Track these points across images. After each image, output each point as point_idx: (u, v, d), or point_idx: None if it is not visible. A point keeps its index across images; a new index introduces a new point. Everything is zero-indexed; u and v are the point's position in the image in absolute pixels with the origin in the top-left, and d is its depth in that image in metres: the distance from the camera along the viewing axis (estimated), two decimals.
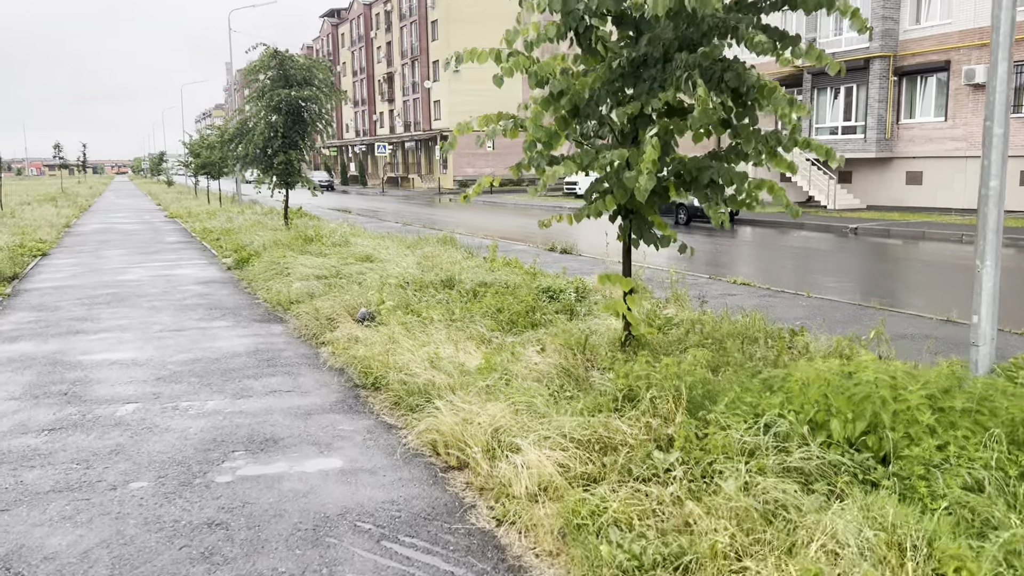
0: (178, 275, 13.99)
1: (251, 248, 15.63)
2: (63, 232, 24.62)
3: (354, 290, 10.71)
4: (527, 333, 8.45)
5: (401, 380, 6.30)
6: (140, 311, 10.43)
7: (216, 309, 10.51)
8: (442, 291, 10.62)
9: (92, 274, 14.30)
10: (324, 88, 20.75)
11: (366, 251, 14.48)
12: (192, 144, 37.64)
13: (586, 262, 15.32)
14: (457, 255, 14.38)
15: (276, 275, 12.53)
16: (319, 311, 9.10)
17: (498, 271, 12.53)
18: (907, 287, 13.61)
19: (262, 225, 22.39)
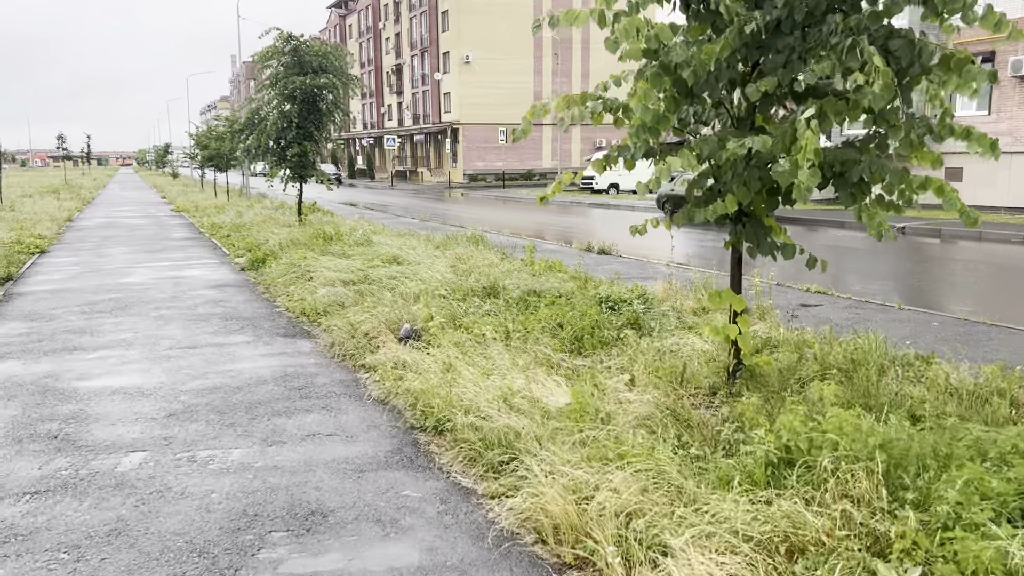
0: (187, 277, 12.75)
1: (266, 247, 14.38)
2: (64, 227, 23.41)
3: (387, 298, 9.48)
4: (598, 355, 7.22)
5: (471, 424, 5.06)
6: (146, 321, 9.19)
7: (233, 320, 9.27)
8: (486, 300, 9.39)
9: (93, 275, 13.07)
10: (341, 76, 19.50)
11: (392, 252, 13.23)
12: (199, 135, 36.39)
13: (631, 265, 14.05)
14: (492, 256, 13.12)
15: (297, 279, 11.29)
16: (355, 326, 7.84)
17: (541, 276, 11.29)
18: (998, 297, 12.31)
19: (274, 221, 21.16)
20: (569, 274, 11.46)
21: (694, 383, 6.06)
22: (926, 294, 12.03)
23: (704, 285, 9.59)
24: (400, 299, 9.35)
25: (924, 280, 14.04)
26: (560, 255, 15.13)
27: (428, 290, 9.54)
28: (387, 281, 10.67)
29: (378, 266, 11.99)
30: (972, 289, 13.05)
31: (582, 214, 30.11)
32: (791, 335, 7.44)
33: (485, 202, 39.65)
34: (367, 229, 17.10)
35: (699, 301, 9.30)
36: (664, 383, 5.92)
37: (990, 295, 12.41)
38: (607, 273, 12.78)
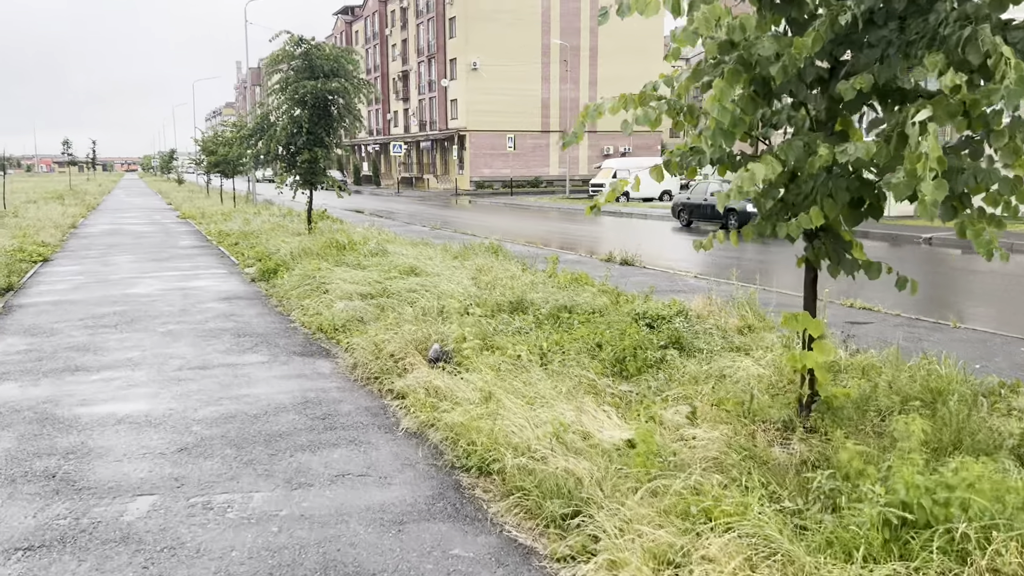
0: (196, 288, 12.19)
1: (278, 257, 13.81)
2: (68, 234, 22.88)
3: (408, 313, 8.91)
4: (645, 378, 6.63)
5: (523, 466, 4.47)
6: (154, 337, 8.61)
7: (246, 336, 8.69)
8: (514, 316, 8.81)
9: (98, 286, 12.51)
10: (353, 80, 18.96)
11: (409, 262, 12.66)
12: (205, 141, 35.95)
13: (658, 277, 13.46)
14: (512, 268, 12.55)
15: (312, 291, 10.71)
16: (379, 346, 7.25)
17: (568, 289, 10.72)
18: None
19: (282, 228, 20.62)
20: (597, 287, 10.89)
21: (761, 415, 5.47)
22: (977, 311, 11.42)
23: (748, 301, 9.00)
24: (422, 314, 8.78)
25: (969, 294, 13.43)
26: (582, 266, 14.56)
27: (453, 305, 8.96)
28: (407, 294, 10.11)
29: (396, 278, 11.42)
30: (1018, 305, 12.43)
31: (595, 222, 29.53)
32: (855, 359, 6.84)
33: (494, 209, 39.09)
34: (380, 238, 16.55)
35: (743, 318, 8.71)
36: (731, 416, 5.33)
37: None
38: (635, 286, 12.21)
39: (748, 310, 8.84)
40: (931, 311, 10.35)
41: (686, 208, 26.30)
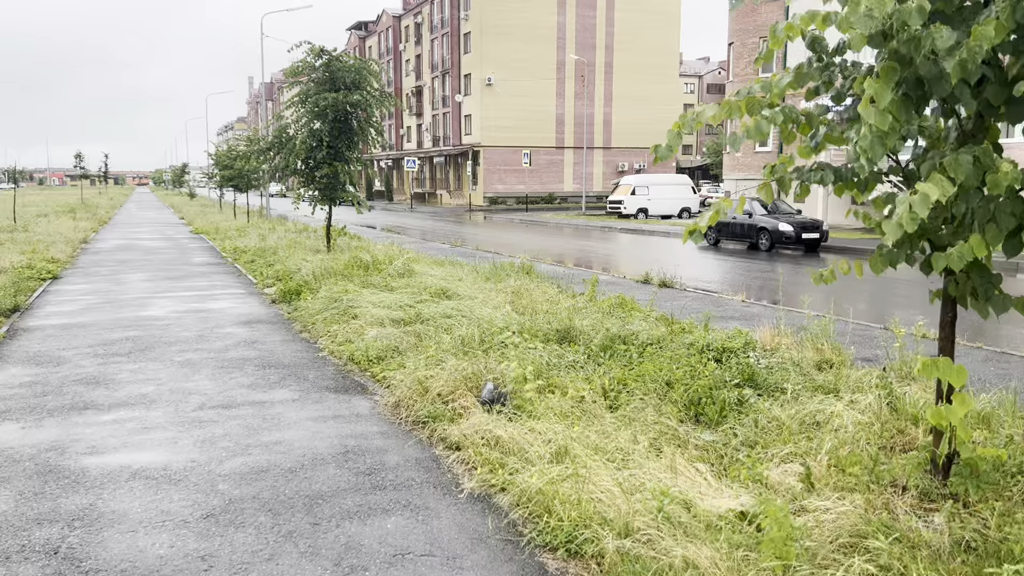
0: (213, 311, 11.43)
1: (299, 277, 13.05)
2: (79, 249, 22.23)
3: (446, 342, 8.13)
4: (728, 425, 5.83)
5: (625, 551, 3.67)
6: (170, 369, 7.84)
7: (271, 367, 7.91)
8: (564, 346, 8.03)
9: (109, 307, 11.77)
10: (375, 92, 18.31)
11: (438, 284, 11.91)
12: (219, 155, 35.39)
13: (702, 300, 12.63)
14: (549, 290, 11.77)
15: (339, 316, 9.94)
16: (423, 383, 6.45)
17: (613, 314, 9.94)
18: None
19: (300, 245, 19.92)
20: (644, 313, 10.09)
21: (886, 478, 4.65)
22: None
23: (822, 332, 8.17)
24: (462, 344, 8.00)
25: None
26: (618, 288, 13.75)
27: (496, 335, 8.16)
28: (442, 320, 9.33)
29: (427, 301, 10.65)
30: None
31: (618, 240, 28.76)
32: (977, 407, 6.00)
33: (511, 226, 38.37)
34: (405, 257, 15.79)
35: (818, 351, 7.89)
36: (855, 480, 4.51)
37: None
38: (682, 311, 11.41)
39: (824, 342, 8.02)
40: (1007, 343, 9.50)
41: (714, 226, 25.49)
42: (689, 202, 43.60)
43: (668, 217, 42.16)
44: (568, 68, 62.52)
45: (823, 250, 23.38)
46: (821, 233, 23.01)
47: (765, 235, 23.26)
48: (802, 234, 22.68)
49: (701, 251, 23.95)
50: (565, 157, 64.04)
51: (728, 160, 38.69)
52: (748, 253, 23.07)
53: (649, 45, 64.52)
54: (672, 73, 67.67)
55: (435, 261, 15.87)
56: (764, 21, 35.84)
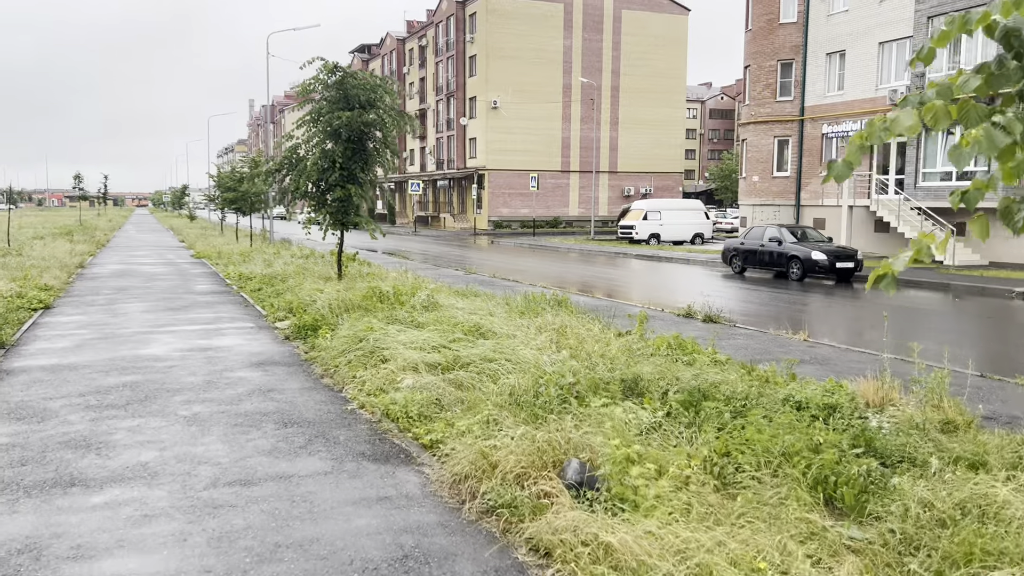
0: (221, 349, 10.25)
1: (314, 311, 11.89)
2: (75, 274, 21.05)
3: (491, 391, 6.98)
4: (871, 513, 4.66)
5: None
6: (175, 427, 6.64)
7: (294, 425, 6.72)
8: (635, 402, 6.86)
9: (105, 344, 10.58)
10: (391, 112, 17.26)
11: (469, 319, 10.75)
12: (221, 176, 34.32)
13: (760, 339, 11.46)
14: (593, 327, 10.61)
15: (365, 358, 8.76)
16: (487, 456, 5.25)
17: (675, 357, 8.80)
18: None
19: (308, 272, 18.77)
20: (706, 355, 8.93)
21: None
22: None
23: (937, 385, 6.99)
24: (509, 395, 6.84)
25: None
26: (660, 322, 12.61)
27: (552, 387, 6.99)
28: (484, 365, 8.16)
29: (462, 340, 9.48)
30: None
31: (636, 268, 27.64)
32: None
33: (521, 251, 37.26)
34: (418, 284, 14.64)
35: (939, 408, 6.72)
36: None
37: None
38: (738, 350, 10.26)
39: (942, 397, 6.85)
40: None
41: (739, 254, 24.39)
42: (702, 228, 42.57)
43: (680, 243, 41.11)
44: (574, 91, 61.85)
45: (856, 280, 22.26)
46: (856, 262, 21.89)
47: (796, 264, 22.13)
48: (836, 263, 21.56)
49: (727, 280, 22.83)
50: (571, 181, 63.22)
51: (744, 186, 37.69)
52: (777, 282, 21.95)
53: (656, 69, 63.97)
54: (679, 98, 67.05)
55: (457, 291, 14.71)
56: (782, 43, 35.02)
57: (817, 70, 33.86)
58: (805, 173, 34.63)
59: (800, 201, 34.83)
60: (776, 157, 35.88)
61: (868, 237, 30.19)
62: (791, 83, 35.06)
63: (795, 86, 34.83)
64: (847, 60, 32.36)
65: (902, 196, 28.67)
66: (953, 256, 26.47)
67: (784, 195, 35.53)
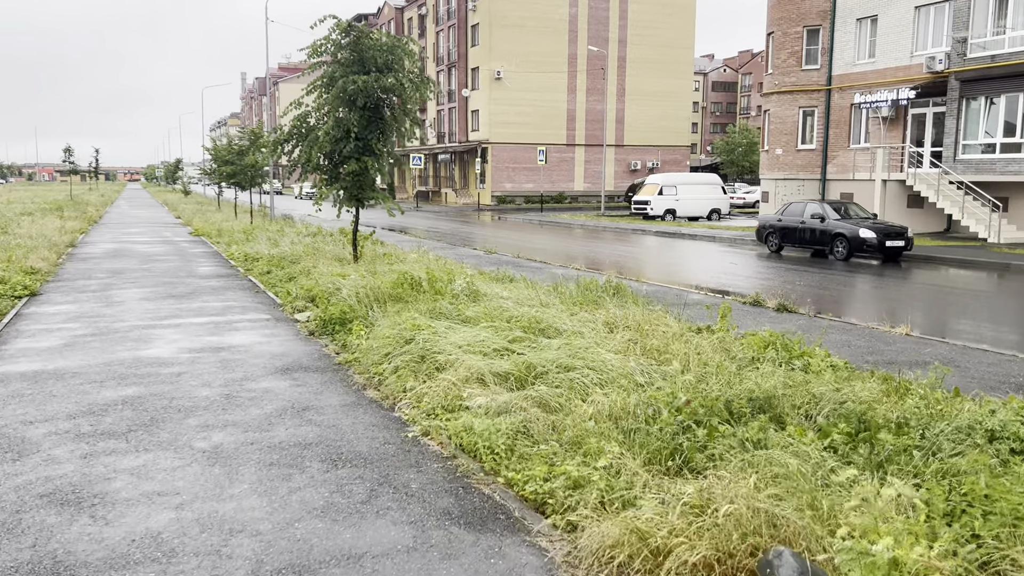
0: (237, 348, 8.69)
1: (340, 300, 10.33)
2: (65, 255, 19.41)
3: (585, 415, 5.50)
4: None
5: None
6: (192, 468, 5.10)
7: (346, 463, 5.18)
8: (779, 432, 5.38)
9: (99, 342, 9.02)
10: (411, 76, 15.61)
11: (522, 312, 9.22)
12: (218, 150, 32.47)
13: (853, 333, 9.93)
14: (670, 322, 9.07)
15: (414, 364, 7.22)
16: (644, 536, 3.72)
17: (781, 360, 7.32)
18: None
19: (319, 253, 17.19)
20: (817, 357, 7.45)
21: None
22: None
23: None
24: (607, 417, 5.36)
25: None
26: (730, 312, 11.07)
27: (664, 402, 5.50)
28: (562, 375, 6.65)
29: (522, 339, 7.96)
30: None
31: (665, 247, 26.06)
32: None
33: (533, 228, 35.65)
34: (459, 272, 13.08)
35: None
36: None
37: None
38: (839, 348, 8.76)
39: None
40: None
41: (776, 231, 22.82)
42: (719, 203, 41.01)
43: (695, 219, 39.56)
44: (580, 62, 59.92)
45: (906, 260, 20.75)
46: (906, 241, 20.36)
47: (842, 242, 20.59)
48: (886, 242, 20.03)
49: (766, 260, 21.30)
50: (576, 155, 61.46)
51: (766, 159, 36.04)
52: (821, 262, 20.43)
53: (664, 38, 62.01)
54: (687, 68, 65.18)
55: (493, 277, 13.16)
56: (808, 8, 33.22)
57: (846, 37, 32.10)
58: (832, 145, 32.99)
59: (826, 175, 33.23)
60: (801, 129, 34.22)
61: (900, 212, 28.64)
62: (818, 51, 33.31)
63: (822, 54, 33.08)
64: (879, 26, 30.59)
65: (940, 170, 27.10)
66: (999, 233, 24.98)
67: (809, 168, 33.92)
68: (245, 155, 30.36)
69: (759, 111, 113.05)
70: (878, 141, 30.29)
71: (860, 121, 31.87)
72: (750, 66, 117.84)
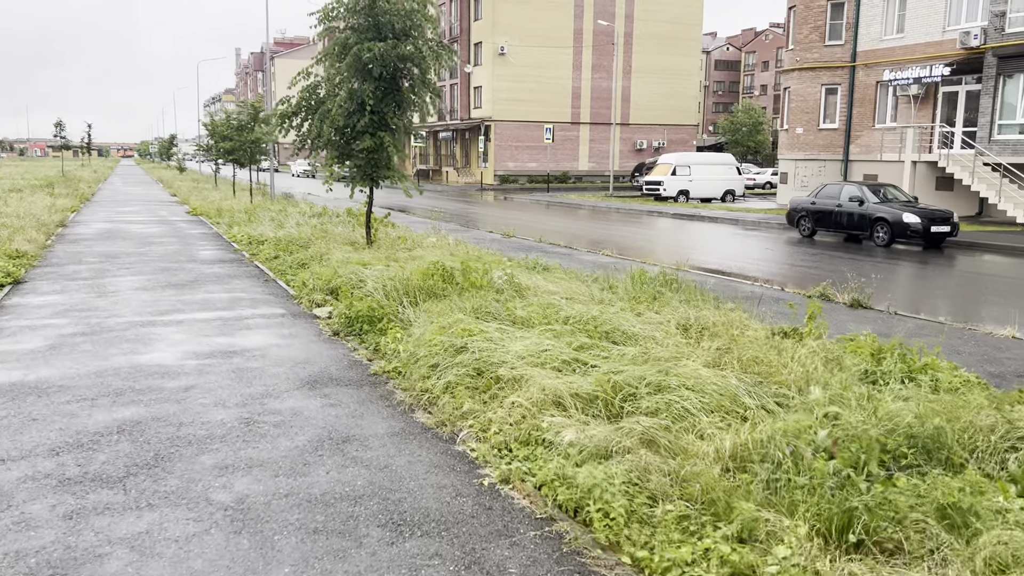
0: (252, 353, 7.43)
1: (365, 294, 9.07)
2: (55, 235, 18.08)
3: (707, 456, 4.31)
4: None
5: None
6: (210, 539, 3.83)
7: (414, 533, 3.94)
8: (941, 471, 4.18)
9: (90, 344, 7.75)
10: (432, 44, 14.29)
11: (575, 309, 7.99)
12: (215, 125, 30.96)
13: (956, 337, 8.71)
14: (748, 322, 7.84)
15: (471, 378, 5.98)
16: None
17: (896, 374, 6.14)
18: None
19: (329, 236, 15.89)
20: (950, 375, 6.24)
21: None
22: None
23: None
24: (750, 478, 4.15)
25: None
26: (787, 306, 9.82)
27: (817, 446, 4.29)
28: (657, 397, 5.42)
29: (589, 346, 6.73)
30: None
31: (689, 231, 24.79)
32: None
33: (543, 209, 34.33)
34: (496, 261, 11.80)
35: None
36: None
37: None
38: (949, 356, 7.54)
39: None
40: None
41: (809, 215, 21.55)
42: (733, 184, 39.69)
43: (708, 200, 38.28)
44: (586, 37, 58.28)
45: (948, 246, 19.54)
46: (952, 227, 19.12)
47: (883, 227, 19.33)
48: (931, 227, 18.79)
49: (801, 245, 20.06)
50: (581, 133, 59.98)
51: (786, 138, 34.69)
52: (859, 248, 19.20)
53: (671, 14, 60.36)
54: (694, 45, 63.56)
55: (522, 265, 11.91)
56: None
57: (873, 11, 30.67)
58: (855, 125, 31.67)
59: (849, 155, 31.93)
60: (823, 107, 32.87)
61: (929, 195, 27.40)
62: (842, 25, 31.89)
63: (847, 29, 31.67)
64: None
65: (974, 151, 25.84)
66: None
67: (830, 149, 32.61)
68: (244, 130, 28.92)
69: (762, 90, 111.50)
70: (906, 120, 28.99)
71: (886, 99, 30.55)
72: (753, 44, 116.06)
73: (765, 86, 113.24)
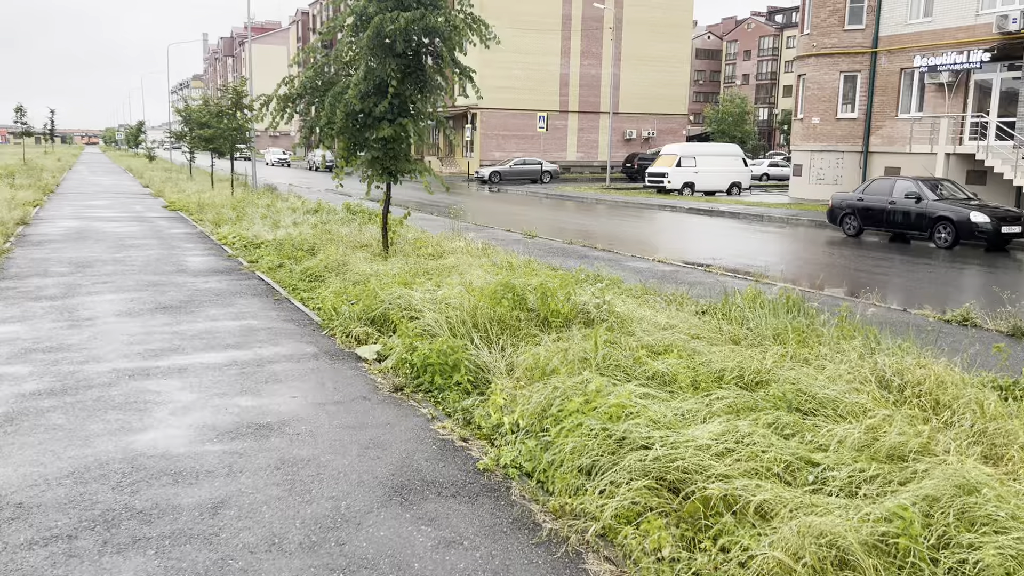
0: (293, 428, 5.26)
1: (421, 328, 6.92)
2: (14, 236, 15.61)
3: None
4: None
5: None
6: None
7: None
8: None
9: (59, 414, 5.51)
10: (461, 16, 12.26)
11: (713, 353, 5.95)
12: (190, 111, 28.31)
13: None
14: (941, 370, 5.83)
15: (657, 498, 3.91)
16: None
17: None
18: None
19: (333, 237, 13.72)
20: None
21: None
22: None
23: None
24: None
25: None
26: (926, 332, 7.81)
27: None
28: (983, 551, 3.38)
29: (795, 429, 4.68)
30: None
31: (717, 228, 22.82)
32: None
33: (540, 202, 32.24)
34: (599, 286, 9.68)
35: None
36: None
37: None
38: None
39: None
40: None
41: (856, 213, 19.64)
42: (740, 176, 37.85)
43: (712, 193, 36.43)
44: (575, 23, 56.18)
45: (1015, 247, 17.78)
46: (1023, 226, 17.37)
47: (946, 227, 17.49)
48: (1001, 227, 16.99)
49: (852, 246, 18.17)
50: (569, 123, 57.96)
51: (800, 128, 32.87)
52: (920, 250, 17.37)
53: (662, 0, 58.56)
54: (685, 33, 61.77)
55: (586, 279, 9.83)
56: None
57: None
58: (876, 114, 29.92)
59: (869, 147, 30.20)
60: (841, 96, 31.09)
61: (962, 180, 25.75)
62: (863, 9, 30.08)
63: (868, 12, 29.87)
64: None
65: (1014, 142, 24.20)
66: None
67: (849, 139, 30.86)
68: (225, 117, 26.43)
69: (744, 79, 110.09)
70: (933, 109, 27.28)
71: (911, 87, 28.82)
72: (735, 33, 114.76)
73: (747, 75, 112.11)
